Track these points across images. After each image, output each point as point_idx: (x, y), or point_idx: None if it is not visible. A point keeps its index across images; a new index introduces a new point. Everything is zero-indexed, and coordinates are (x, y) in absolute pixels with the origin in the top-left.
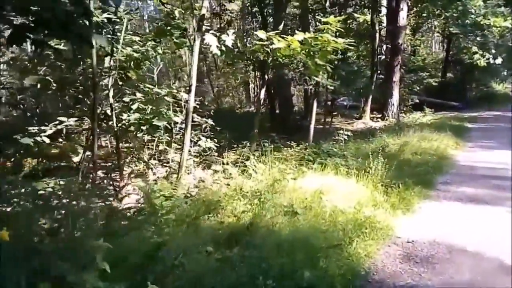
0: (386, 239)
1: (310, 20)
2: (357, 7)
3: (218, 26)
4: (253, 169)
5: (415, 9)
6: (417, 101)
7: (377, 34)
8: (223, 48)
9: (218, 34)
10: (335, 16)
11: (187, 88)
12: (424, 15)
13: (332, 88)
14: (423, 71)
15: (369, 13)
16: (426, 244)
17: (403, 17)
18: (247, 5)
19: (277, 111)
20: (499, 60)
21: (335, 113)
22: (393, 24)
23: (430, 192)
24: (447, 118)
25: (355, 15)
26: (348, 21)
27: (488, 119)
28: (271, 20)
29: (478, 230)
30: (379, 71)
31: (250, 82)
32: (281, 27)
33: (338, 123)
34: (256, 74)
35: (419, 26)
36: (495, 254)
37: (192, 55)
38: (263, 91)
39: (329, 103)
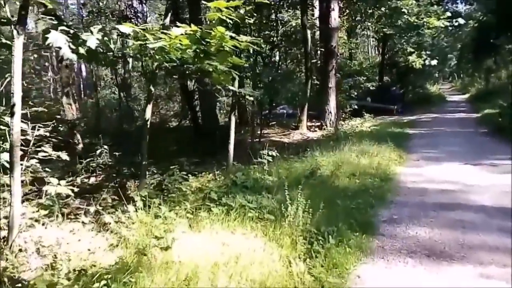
0: None
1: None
2: (285, 8)
3: None
4: (127, 222)
5: (347, 11)
6: (356, 107)
7: (309, 37)
8: (82, 50)
9: (72, 31)
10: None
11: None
12: (358, 18)
13: (253, 98)
14: (360, 75)
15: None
16: None
17: (334, 18)
18: None
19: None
20: (434, 61)
21: (273, 122)
22: (325, 25)
23: (372, 242)
24: (387, 124)
25: (283, 16)
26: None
27: (427, 123)
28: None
29: None
30: (314, 77)
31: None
32: (167, 20)
33: (274, 135)
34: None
35: (353, 28)
36: None
37: (13, 61)
38: (149, 108)
39: (266, 112)
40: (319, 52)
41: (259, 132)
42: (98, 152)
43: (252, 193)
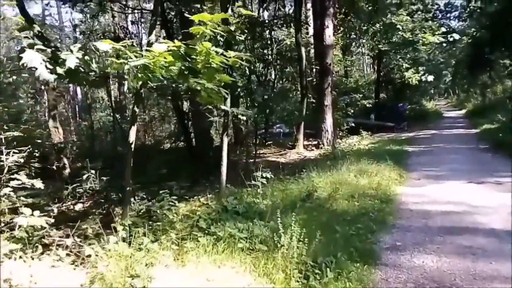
0: None
1: None
2: (279, 26)
3: None
4: (106, 255)
5: (342, 28)
6: (353, 124)
7: (304, 54)
8: (60, 70)
9: (51, 50)
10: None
11: None
12: (353, 35)
13: (245, 118)
14: (356, 93)
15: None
16: None
17: (329, 35)
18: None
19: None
20: (431, 77)
21: (270, 142)
22: (319, 43)
23: (374, 273)
24: (385, 142)
25: (277, 34)
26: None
27: (426, 140)
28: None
29: None
30: (310, 95)
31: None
32: (153, 36)
33: (270, 155)
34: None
35: (348, 46)
36: None
37: None
38: (133, 130)
39: (262, 131)
40: (314, 70)
41: (254, 153)
42: (85, 177)
43: (244, 219)
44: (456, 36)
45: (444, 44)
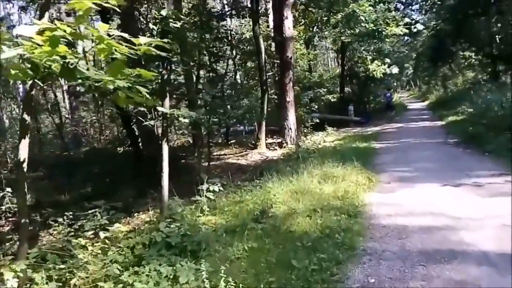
0: None
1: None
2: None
3: None
4: None
5: (303, 20)
6: (318, 120)
7: (262, 47)
8: None
9: None
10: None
11: None
12: (316, 29)
13: (187, 120)
14: (321, 87)
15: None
16: None
17: (288, 27)
18: None
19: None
20: (396, 69)
21: (233, 141)
22: (279, 35)
23: None
24: (351, 137)
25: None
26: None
27: (393, 134)
28: None
29: None
30: (270, 91)
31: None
32: (45, 19)
33: (231, 156)
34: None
35: (311, 38)
36: None
37: None
38: (24, 144)
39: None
40: (276, 64)
41: (208, 156)
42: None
43: (174, 255)
44: (420, 27)
45: (406, 38)
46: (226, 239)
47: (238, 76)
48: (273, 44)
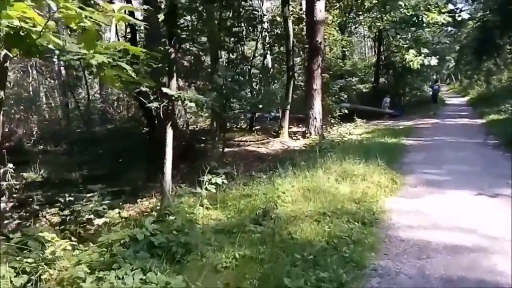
0: None
1: None
2: None
3: None
4: None
5: (338, 4)
6: (346, 111)
7: (291, 31)
8: None
9: None
10: None
11: None
12: (351, 13)
13: (193, 104)
14: (353, 76)
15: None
16: None
17: (320, 10)
18: None
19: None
20: (434, 61)
21: (258, 127)
22: (310, 18)
23: None
24: (381, 131)
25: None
26: None
27: (426, 130)
28: None
29: None
30: (298, 77)
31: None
32: None
33: (252, 143)
34: None
35: (346, 24)
36: None
37: None
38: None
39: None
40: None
41: (223, 142)
42: (1, 171)
43: (153, 258)
44: (465, 16)
45: (449, 28)
46: (217, 241)
47: (266, 60)
48: (305, 28)
